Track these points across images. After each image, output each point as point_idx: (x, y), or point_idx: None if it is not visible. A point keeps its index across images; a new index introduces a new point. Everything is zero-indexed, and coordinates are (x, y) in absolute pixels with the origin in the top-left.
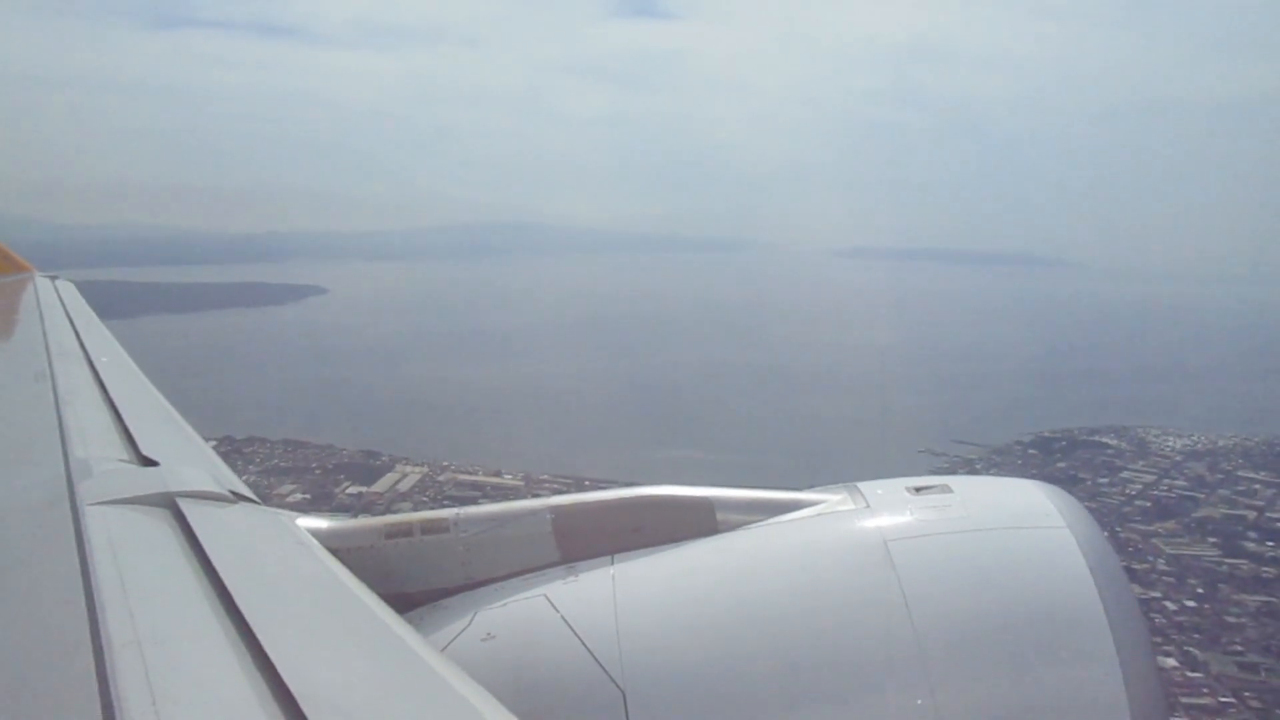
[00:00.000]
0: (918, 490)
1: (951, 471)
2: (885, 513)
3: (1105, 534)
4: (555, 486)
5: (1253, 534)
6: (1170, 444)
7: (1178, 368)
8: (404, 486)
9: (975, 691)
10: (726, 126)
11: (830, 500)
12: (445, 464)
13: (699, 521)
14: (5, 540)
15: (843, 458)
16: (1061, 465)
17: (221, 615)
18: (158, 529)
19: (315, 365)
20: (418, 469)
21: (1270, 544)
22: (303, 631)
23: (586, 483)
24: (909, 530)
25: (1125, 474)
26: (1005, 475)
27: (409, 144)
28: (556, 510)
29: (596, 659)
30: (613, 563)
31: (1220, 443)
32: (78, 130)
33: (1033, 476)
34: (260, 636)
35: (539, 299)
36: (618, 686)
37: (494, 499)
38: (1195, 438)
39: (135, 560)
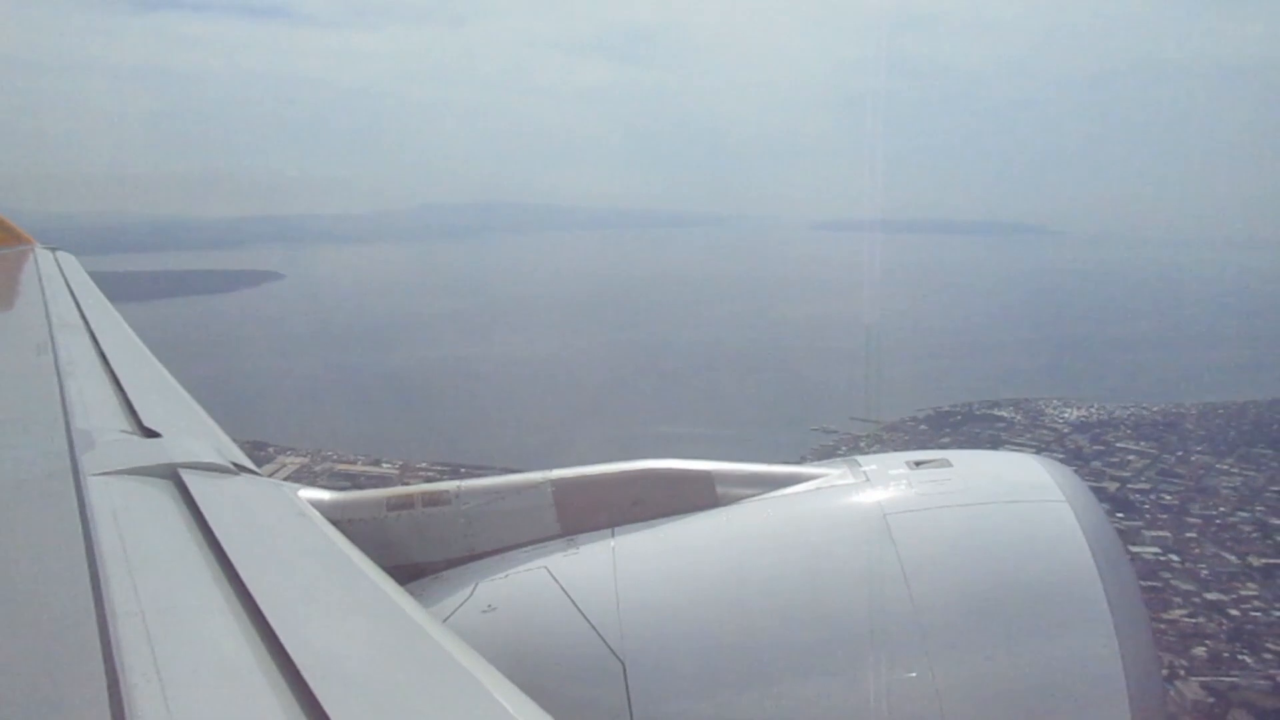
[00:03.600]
0: (917, 464)
1: (835, 449)
2: (884, 486)
3: (1105, 508)
4: (430, 475)
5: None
6: (1065, 416)
7: (1130, 336)
8: (279, 477)
9: (972, 664)
10: (712, 100)
11: (830, 474)
12: (327, 453)
13: (699, 494)
14: (9, 511)
15: (737, 436)
16: (945, 441)
17: (224, 585)
18: (160, 499)
19: (245, 353)
20: (299, 459)
21: (1120, 514)
22: (305, 602)
23: (462, 470)
24: (907, 504)
25: (1007, 448)
26: (889, 450)
27: (393, 125)
28: (557, 483)
29: (597, 631)
30: (613, 535)
31: (1116, 413)
32: (54, 116)
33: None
34: (263, 606)
35: (510, 277)
36: (618, 658)
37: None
38: (1092, 409)
39: (138, 530)
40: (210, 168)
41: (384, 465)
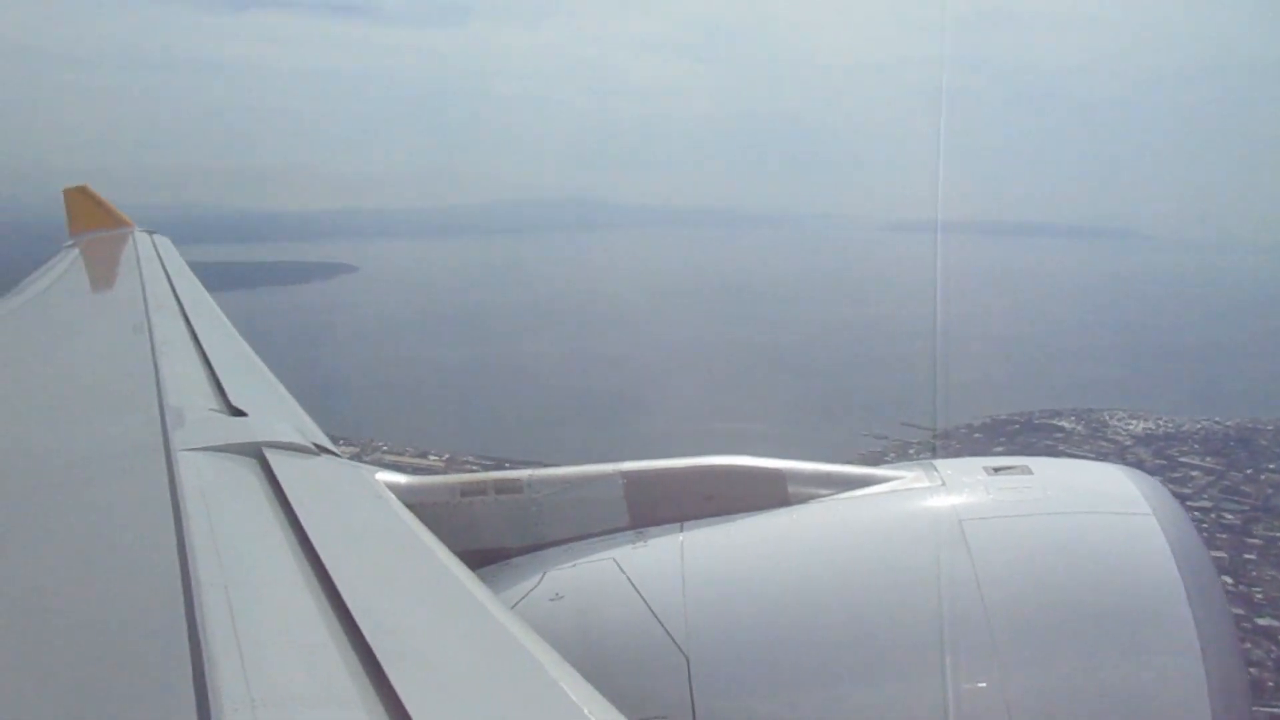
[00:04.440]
0: (996, 470)
1: (883, 455)
2: (960, 492)
3: (1194, 522)
4: (476, 468)
5: None
6: (1130, 428)
7: (1210, 345)
8: None
9: (1046, 679)
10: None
11: (905, 477)
12: (378, 444)
13: (770, 492)
14: (106, 482)
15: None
16: (999, 450)
17: (302, 562)
18: (245, 477)
19: (310, 343)
20: (351, 449)
21: None
22: (379, 581)
23: (507, 464)
24: (984, 510)
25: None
26: (942, 458)
27: (471, 121)
28: (628, 475)
29: (663, 625)
30: (682, 530)
31: (1185, 427)
32: (150, 111)
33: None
34: (338, 584)
35: (578, 274)
36: (682, 653)
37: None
38: (1160, 421)
39: (224, 505)
40: (293, 162)
41: (431, 458)
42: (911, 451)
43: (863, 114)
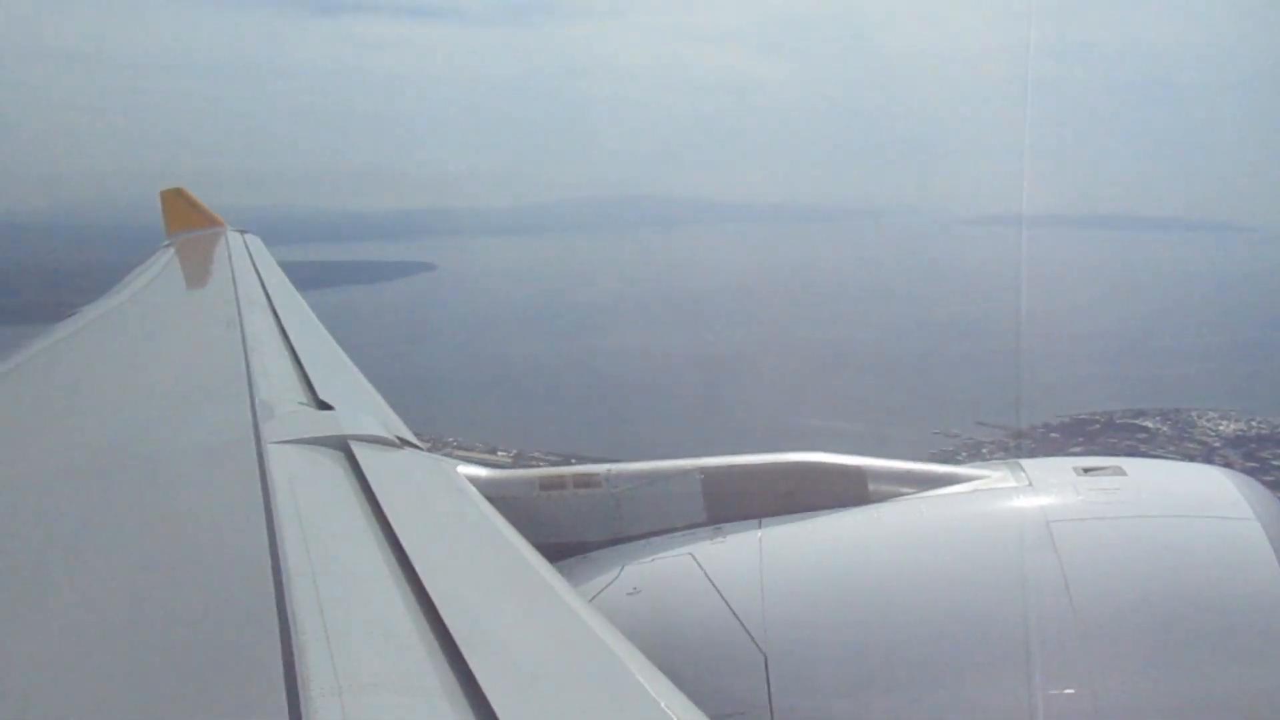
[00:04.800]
0: (1086, 471)
1: (954, 454)
2: (1049, 492)
3: None
4: (544, 464)
5: None
6: (1220, 429)
7: None
8: None
9: (1138, 685)
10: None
11: (990, 476)
12: (448, 439)
13: (851, 490)
14: (199, 473)
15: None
16: (1076, 450)
17: (387, 553)
18: (332, 469)
19: (385, 340)
20: (422, 444)
21: None
22: (461, 572)
23: (572, 460)
24: (1074, 512)
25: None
26: (1013, 458)
27: (550, 120)
28: (706, 471)
29: (740, 621)
30: (760, 526)
31: None
32: (241, 115)
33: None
34: (422, 575)
35: (656, 271)
36: (760, 650)
37: None
38: (1253, 422)
39: (312, 496)
40: (376, 163)
41: (499, 454)
42: (984, 451)
43: (947, 105)
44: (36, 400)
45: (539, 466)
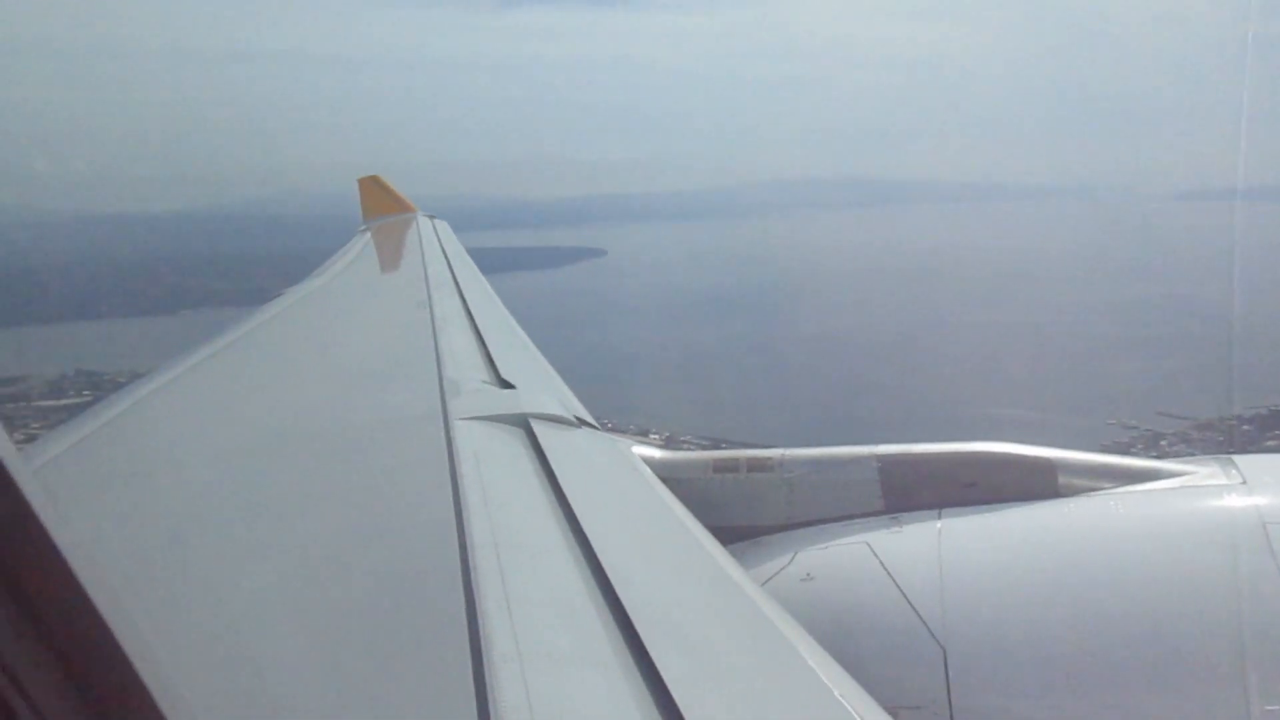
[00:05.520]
0: None
1: (1130, 447)
2: (1265, 491)
3: None
4: (693, 448)
5: None
6: None
7: None
8: None
9: None
10: (1059, 58)
11: (1196, 472)
12: (605, 422)
13: (1039, 483)
14: (392, 446)
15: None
16: (1271, 444)
17: (565, 528)
18: (513, 446)
19: (546, 325)
20: None
21: None
22: (636, 550)
23: (724, 444)
24: None
25: None
26: (1197, 452)
27: (727, 103)
28: (883, 458)
29: (918, 613)
30: (940, 517)
31: None
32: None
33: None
34: (598, 550)
35: (840, 253)
36: (939, 643)
37: None
38: None
39: (495, 472)
40: (554, 151)
41: (651, 436)
42: (1163, 444)
43: (1155, 72)
44: (250, 373)
45: (688, 450)
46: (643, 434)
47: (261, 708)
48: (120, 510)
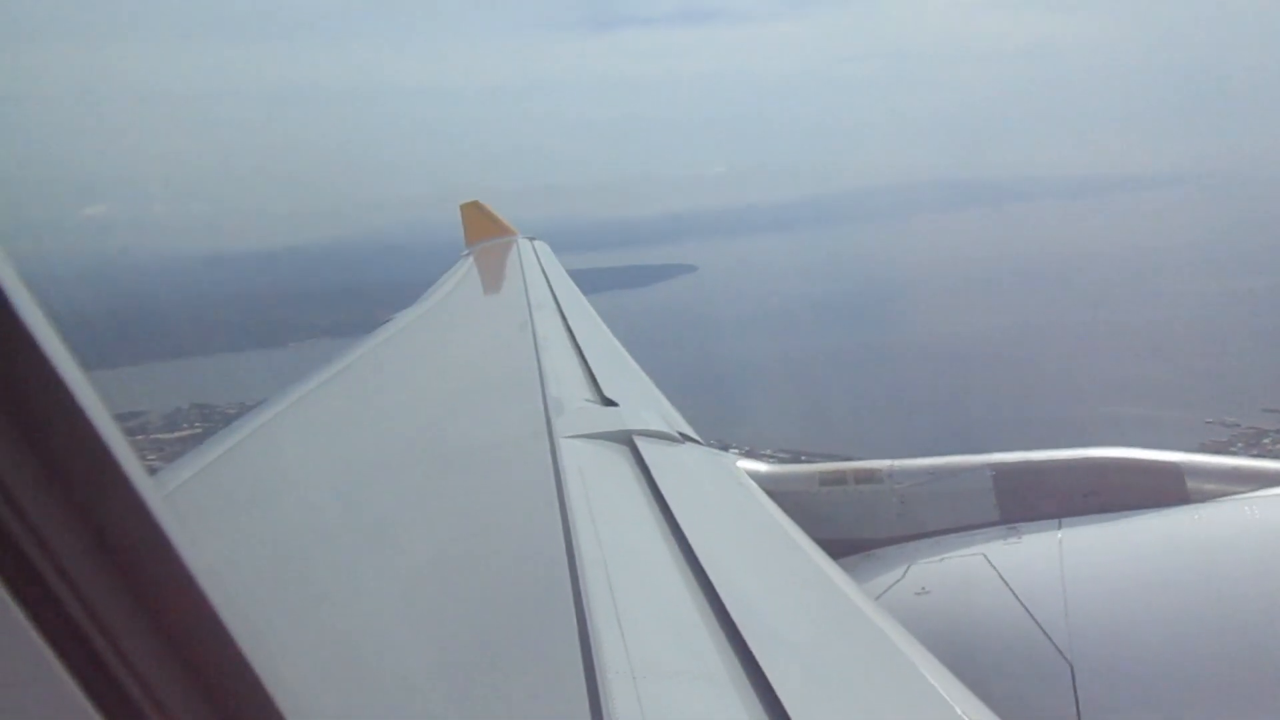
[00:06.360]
0: None
1: (1229, 445)
2: None
3: None
4: (773, 460)
5: None
6: None
7: None
8: None
9: None
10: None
11: None
12: (710, 440)
13: (1165, 489)
14: (500, 464)
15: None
16: None
17: (671, 542)
18: (618, 462)
19: (650, 344)
20: None
21: None
22: (744, 565)
23: (803, 458)
24: None
25: None
26: None
27: (824, 109)
28: (998, 467)
29: (1041, 627)
30: (1060, 527)
31: None
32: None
33: None
34: (706, 566)
35: (937, 258)
36: (1065, 659)
37: None
38: None
39: (601, 488)
40: (650, 170)
41: (731, 450)
42: (1266, 441)
43: (1261, 51)
44: (362, 397)
45: (771, 461)
46: (745, 449)
47: None
48: (245, 532)
